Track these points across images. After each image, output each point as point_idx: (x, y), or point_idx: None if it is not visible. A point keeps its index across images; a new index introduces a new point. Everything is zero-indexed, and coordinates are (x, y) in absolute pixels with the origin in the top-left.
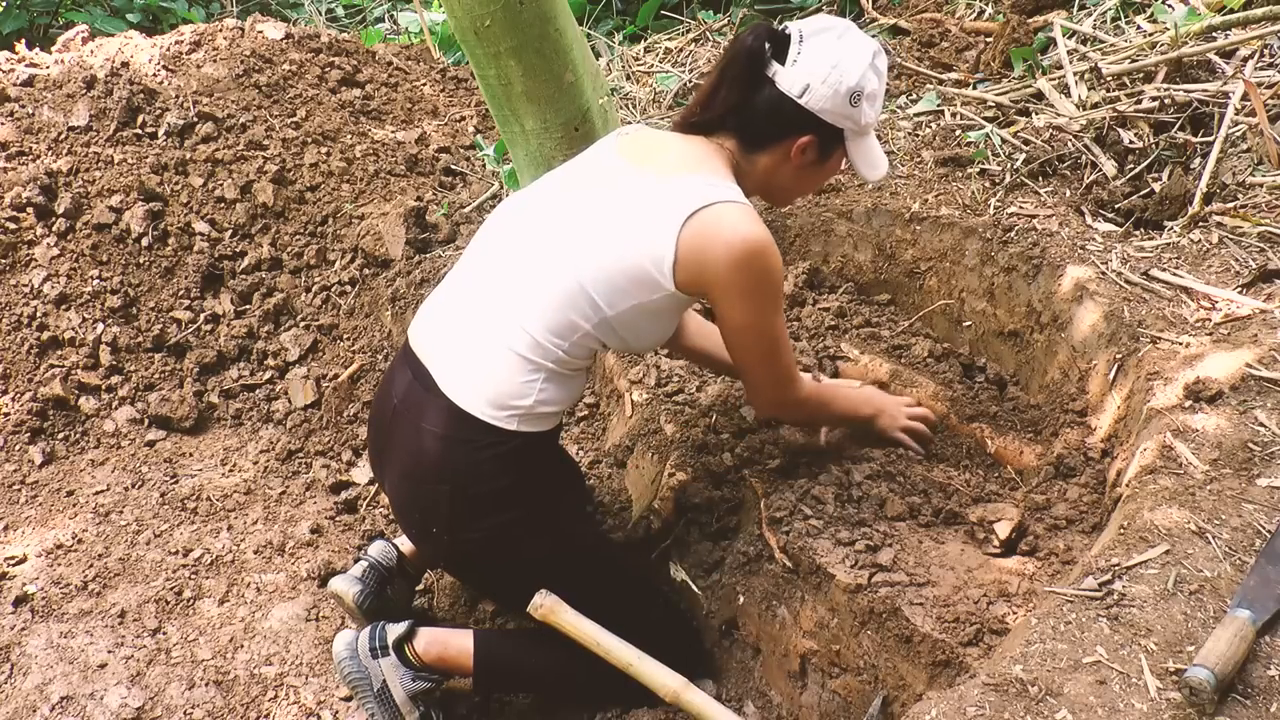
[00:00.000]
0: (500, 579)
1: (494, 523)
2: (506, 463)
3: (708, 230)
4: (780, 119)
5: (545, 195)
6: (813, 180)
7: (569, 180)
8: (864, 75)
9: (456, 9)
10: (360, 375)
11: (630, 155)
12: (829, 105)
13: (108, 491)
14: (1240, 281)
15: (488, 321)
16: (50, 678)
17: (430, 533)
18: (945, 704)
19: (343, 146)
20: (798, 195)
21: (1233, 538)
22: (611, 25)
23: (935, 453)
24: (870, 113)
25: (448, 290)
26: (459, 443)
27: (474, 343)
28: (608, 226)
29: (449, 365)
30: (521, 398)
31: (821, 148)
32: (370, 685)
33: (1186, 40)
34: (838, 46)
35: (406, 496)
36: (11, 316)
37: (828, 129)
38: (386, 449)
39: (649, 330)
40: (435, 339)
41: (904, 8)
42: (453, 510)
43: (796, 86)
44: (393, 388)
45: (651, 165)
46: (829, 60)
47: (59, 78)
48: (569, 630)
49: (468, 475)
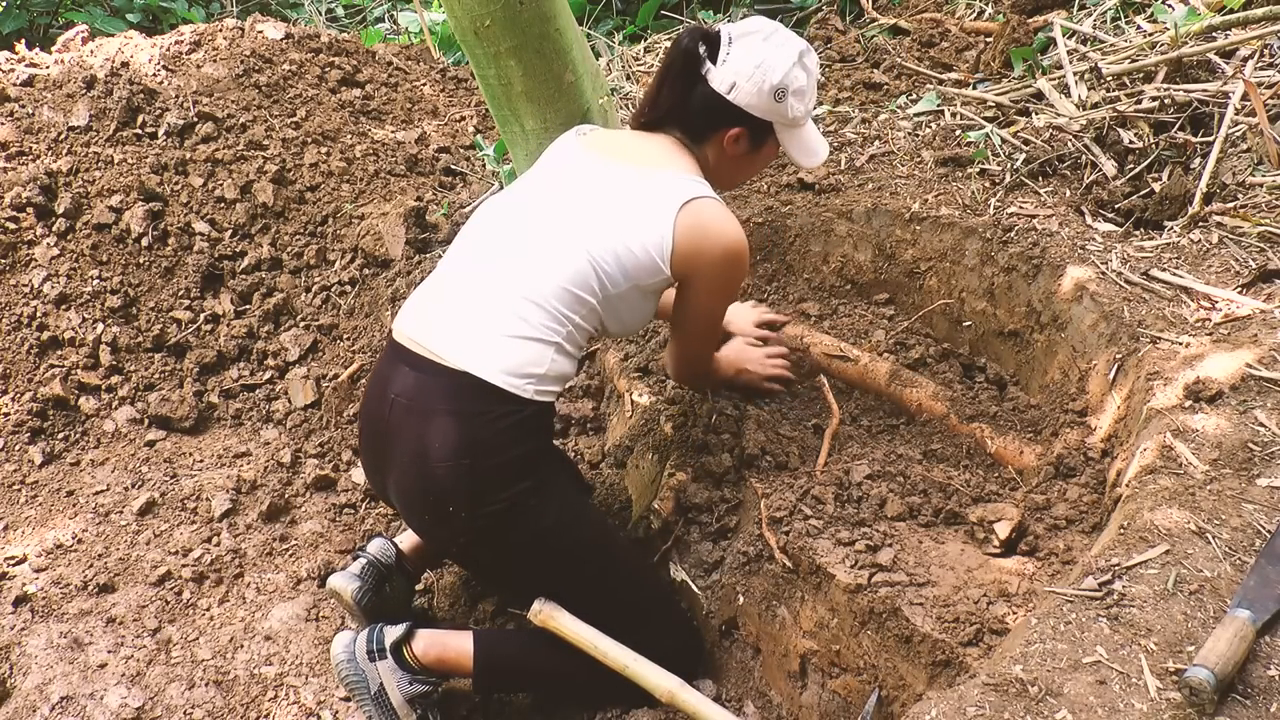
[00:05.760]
0: (513, 554)
1: (512, 492)
2: (522, 430)
3: (701, 224)
4: (713, 114)
5: (534, 188)
6: (750, 167)
7: (552, 174)
8: (788, 73)
9: (456, 9)
10: (360, 375)
11: (602, 151)
12: (755, 101)
13: (108, 491)
14: (1240, 281)
15: (499, 298)
16: (50, 678)
17: (447, 513)
18: (945, 704)
19: (343, 146)
20: (740, 180)
21: (1233, 538)
22: (611, 25)
23: (935, 453)
24: (799, 107)
25: (439, 284)
26: (475, 416)
27: (486, 317)
28: (612, 212)
29: (459, 342)
30: (537, 365)
31: (752, 139)
32: (368, 688)
33: (1186, 40)
34: (763, 48)
35: (420, 485)
36: (11, 316)
37: (756, 122)
38: (388, 448)
39: (639, 310)
40: (433, 324)
41: (904, 8)
42: (473, 484)
43: (725, 84)
44: (387, 387)
45: (624, 160)
46: (753, 60)
47: (59, 78)
48: (566, 634)
49: (487, 446)
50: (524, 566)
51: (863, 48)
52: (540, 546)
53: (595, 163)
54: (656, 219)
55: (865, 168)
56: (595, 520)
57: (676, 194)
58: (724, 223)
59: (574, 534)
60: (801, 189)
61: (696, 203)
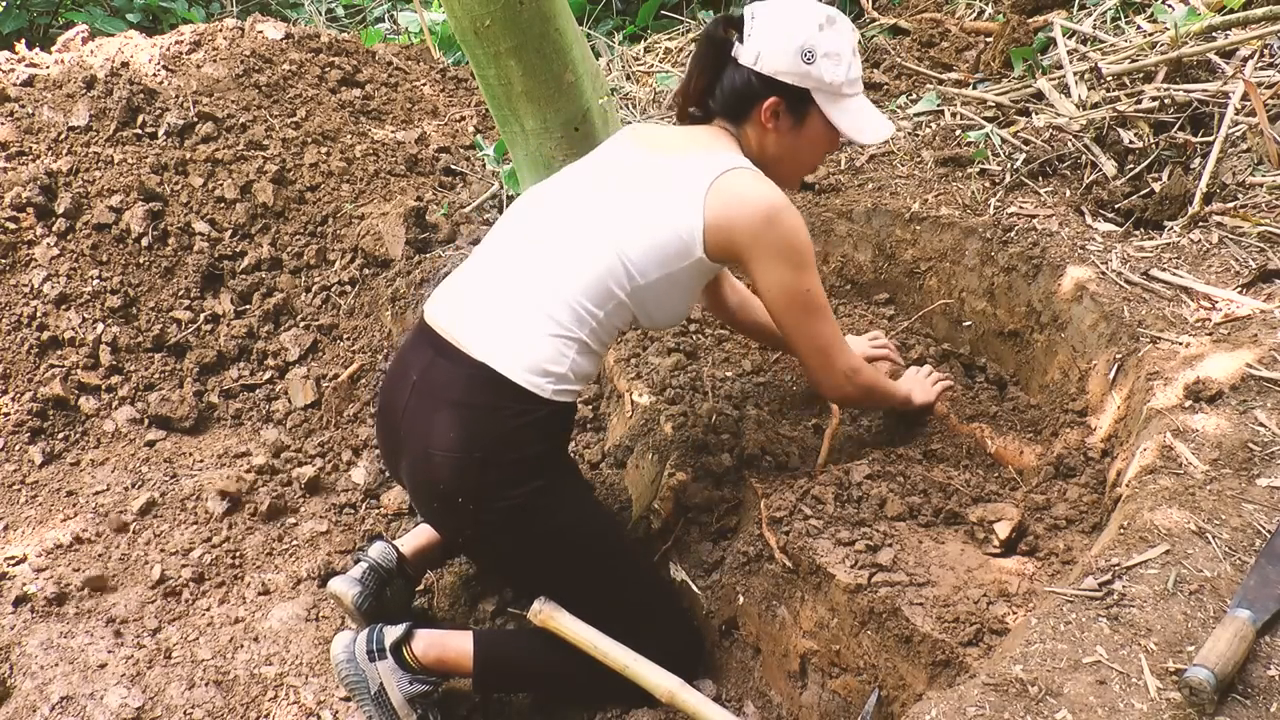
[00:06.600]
0: (521, 550)
1: (521, 491)
2: (536, 431)
3: (730, 194)
4: (748, 90)
5: (572, 182)
6: (801, 148)
7: (591, 168)
8: (812, 33)
9: (456, 9)
10: (360, 375)
11: (646, 143)
12: (783, 65)
13: (108, 491)
14: (1240, 281)
15: (525, 291)
16: (50, 678)
17: (456, 504)
18: (945, 704)
19: (343, 146)
20: (799, 167)
21: (1233, 538)
22: (611, 25)
23: (935, 453)
24: (836, 71)
25: (472, 271)
26: (490, 410)
27: (511, 311)
28: (639, 200)
29: (483, 334)
30: (556, 364)
31: (791, 109)
32: (368, 688)
33: (1186, 40)
34: (785, 15)
35: (432, 472)
36: (11, 316)
37: (791, 90)
38: (404, 430)
39: (673, 302)
40: (463, 312)
41: (904, 8)
42: (482, 479)
43: (752, 56)
44: (409, 368)
45: (666, 150)
46: (777, 26)
47: (59, 78)
48: (566, 634)
49: (499, 442)
50: (531, 562)
51: (863, 48)
52: (549, 544)
53: (633, 152)
54: (687, 199)
55: (865, 168)
56: (606, 521)
57: (708, 171)
58: (755, 186)
59: (584, 534)
60: (802, 189)
61: (727, 175)
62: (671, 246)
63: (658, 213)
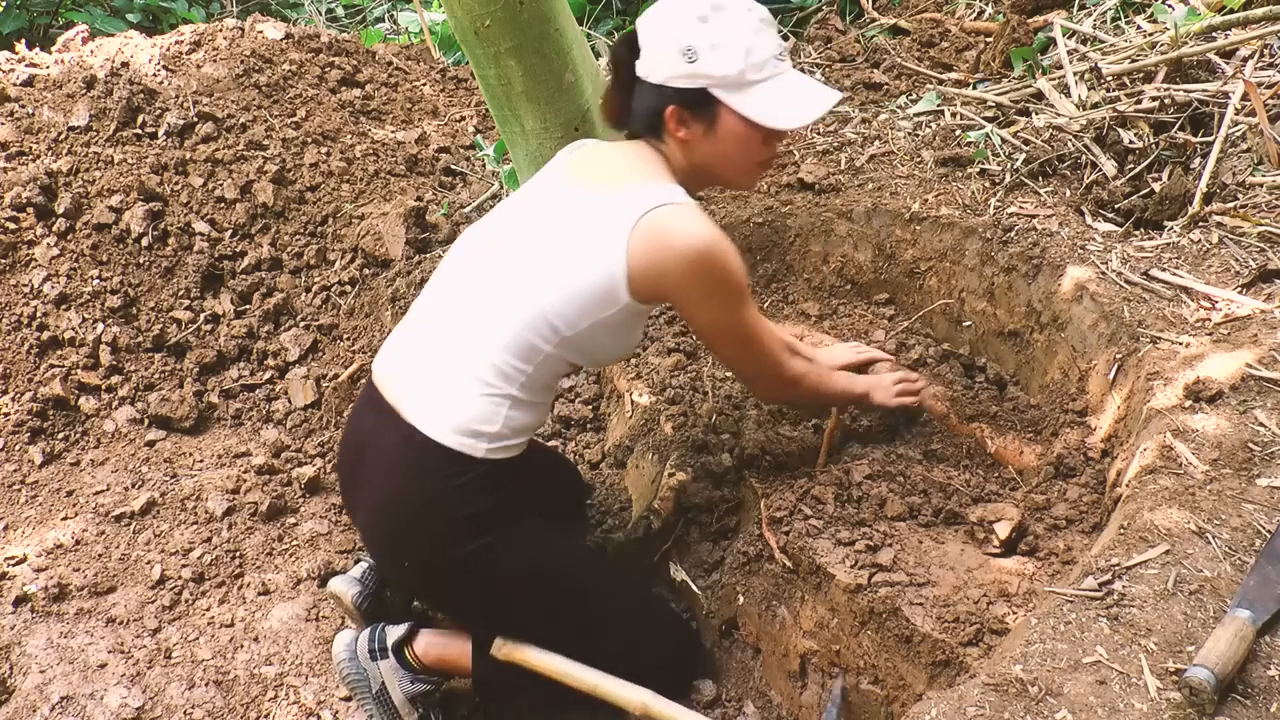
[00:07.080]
0: (483, 604)
1: (465, 550)
2: (474, 490)
3: (656, 237)
4: (651, 103)
5: (501, 225)
6: (725, 149)
7: (521, 207)
8: (691, 29)
9: (456, 9)
10: (360, 375)
11: (578, 173)
12: (670, 70)
13: (108, 491)
14: (1240, 281)
15: (451, 350)
16: (50, 678)
17: (403, 567)
18: (945, 704)
19: (343, 146)
20: (736, 170)
21: (1233, 538)
22: (611, 25)
23: (935, 453)
24: (724, 62)
25: (410, 324)
26: (426, 473)
27: (439, 371)
28: (561, 249)
29: (413, 395)
30: (489, 423)
31: (696, 114)
32: (369, 687)
33: (1186, 40)
34: (662, 17)
35: (377, 532)
36: (11, 316)
37: (687, 94)
38: (356, 485)
39: (611, 345)
40: (398, 371)
41: (904, 8)
42: (422, 542)
43: (646, 69)
44: (360, 423)
45: (594, 182)
46: (656, 31)
47: (59, 78)
48: (532, 665)
49: (436, 506)
50: (493, 615)
51: (863, 48)
52: (507, 597)
53: (565, 186)
54: (606, 245)
55: (865, 168)
56: (569, 558)
57: (631, 211)
58: (684, 225)
59: (543, 580)
60: (801, 189)
61: (652, 215)
62: (595, 296)
63: (578, 262)
